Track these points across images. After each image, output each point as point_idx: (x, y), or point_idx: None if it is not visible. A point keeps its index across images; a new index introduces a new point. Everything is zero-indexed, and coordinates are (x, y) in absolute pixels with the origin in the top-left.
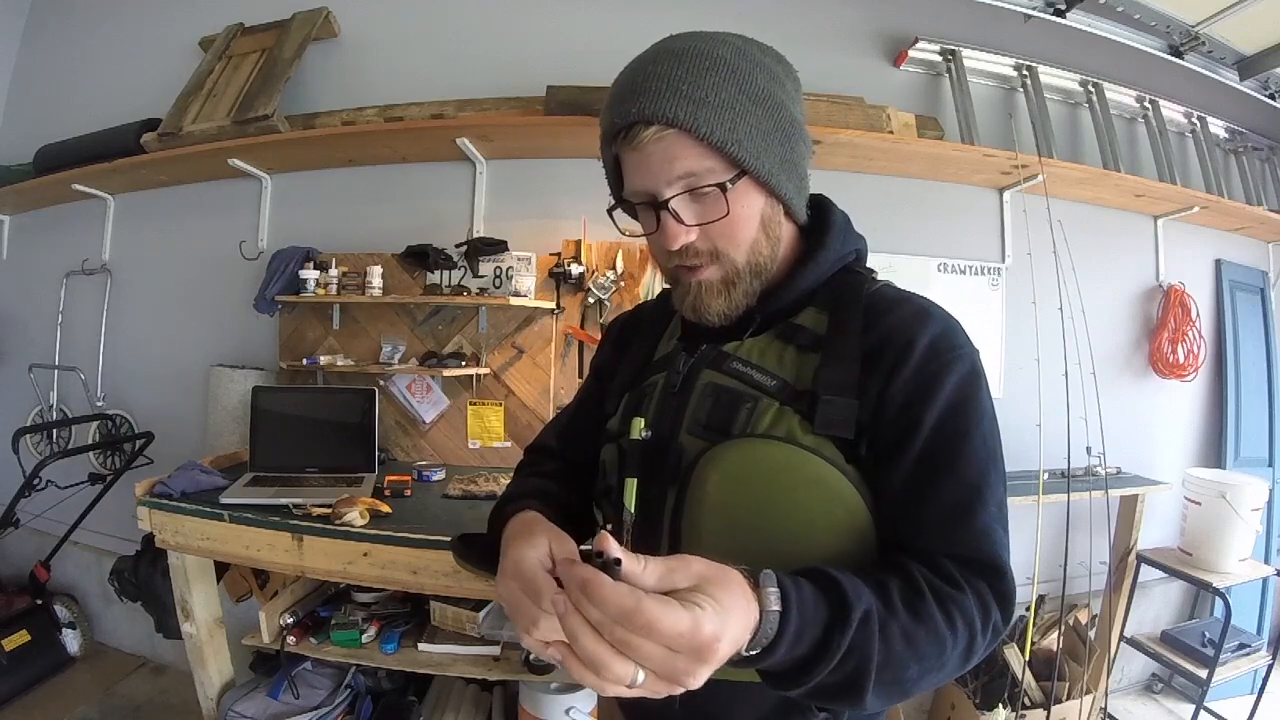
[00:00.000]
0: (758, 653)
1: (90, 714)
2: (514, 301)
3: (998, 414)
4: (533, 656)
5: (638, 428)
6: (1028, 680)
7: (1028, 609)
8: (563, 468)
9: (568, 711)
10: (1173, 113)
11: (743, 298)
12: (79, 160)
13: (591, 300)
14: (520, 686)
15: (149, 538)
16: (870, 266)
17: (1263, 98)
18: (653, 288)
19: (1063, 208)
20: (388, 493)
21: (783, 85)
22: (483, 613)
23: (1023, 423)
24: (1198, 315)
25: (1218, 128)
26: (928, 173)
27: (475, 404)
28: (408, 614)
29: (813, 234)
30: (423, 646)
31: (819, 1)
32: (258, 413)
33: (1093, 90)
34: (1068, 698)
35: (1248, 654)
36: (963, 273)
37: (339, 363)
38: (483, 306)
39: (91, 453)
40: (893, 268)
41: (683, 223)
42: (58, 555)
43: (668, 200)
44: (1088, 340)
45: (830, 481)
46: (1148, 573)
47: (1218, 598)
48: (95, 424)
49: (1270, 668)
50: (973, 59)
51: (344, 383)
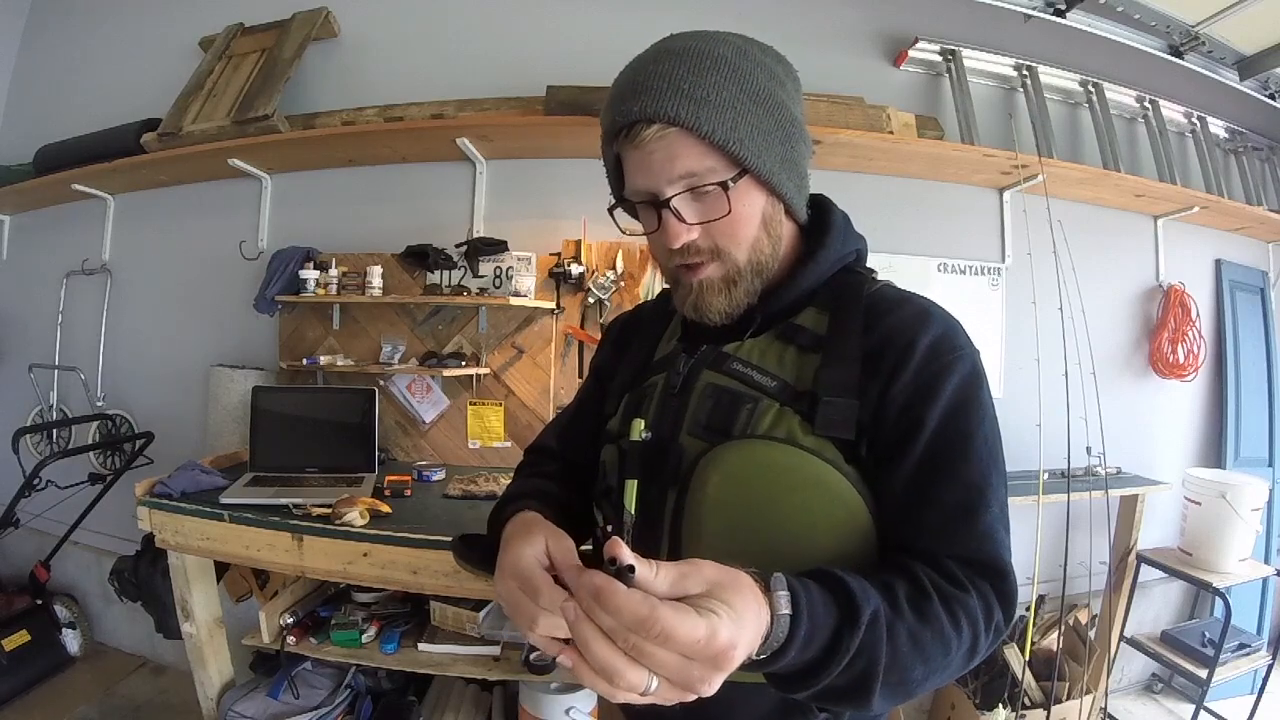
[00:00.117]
0: (768, 656)
1: (90, 714)
2: (514, 301)
3: (998, 414)
4: (533, 656)
5: (638, 429)
6: (1028, 680)
7: (1028, 609)
8: (563, 468)
9: (568, 711)
10: (1173, 113)
11: (744, 296)
12: (79, 160)
13: (591, 300)
14: (520, 686)
15: (149, 538)
16: (870, 266)
17: (1263, 98)
18: (653, 288)
19: (1063, 208)
20: (388, 493)
21: (783, 85)
22: (483, 613)
23: (1023, 423)
24: (1198, 315)
25: (1218, 128)
26: (928, 173)
27: (475, 404)
28: (408, 614)
29: (813, 234)
30: (423, 646)
31: (819, 1)
32: (258, 413)
33: (1093, 90)
34: (1068, 698)
35: (1248, 654)
36: (963, 273)
37: (339, 363)
38: (483, 306)
39: (91, 453)
40: (893, 268)
41: (684, 221)
42: (58, 555)
43: (669, 199)
44: (1088, 340)
45: (831, 482)
46: (1148, 573)
47: (1218, 598)
48: (95, 424)
49: (1270, 668)
50: (973, 59)
51: (344, 383)
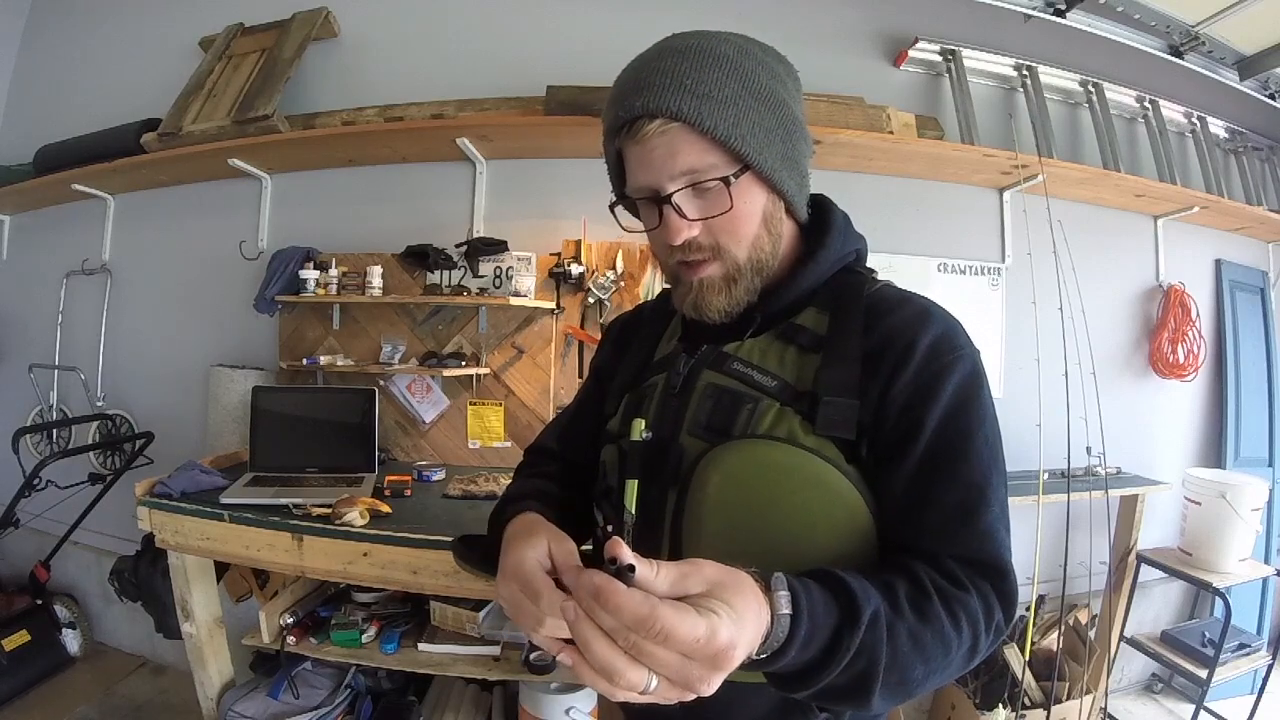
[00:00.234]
0: (768, 656)
1: (90, 714)
2: (514, 301)
3: (998, 414)
4: (533, 656)
5: (638, 429)
6: (1028, 680)
7: (1028, 609)
8: (563, 469)
9: (568, 711)
10: (1173, 113)
11: (744, 295)
12: (79, 160)
13: (591, 300)
14: (520, 686)
15: (149, 538)
16: (870, 266)
17: (1263, 98)
18: (653, 288)
19: (1063, 208)
20: (388, 493)
21: (784, 84)
22: (483, 613)
23: (1023, 423)
24: (1198, 315)
25: (1218, 128)
26: (928, 173)
27: (475, 404)
28: (408, 614)
29: (813, 233)
30: (423, 646)
31: (819, 1)
32: (258, 413)
33: (1093, 90)
34: (1068, 698)
35: (1248, 654)
36: (963, 273)
37: (339, 363)
38: (483, 306)
39: (91, 453)
40: (893, 268)
41: (685, 218)
42: (58, 555)
43: (670, 195)
44: (1088, 340)
45: (831, 482)
46: (1148, 573)
47: (1218, 598)
48: (95, 424)
49: (1270, 668)
50: (973, 59)
51: (344, 383)
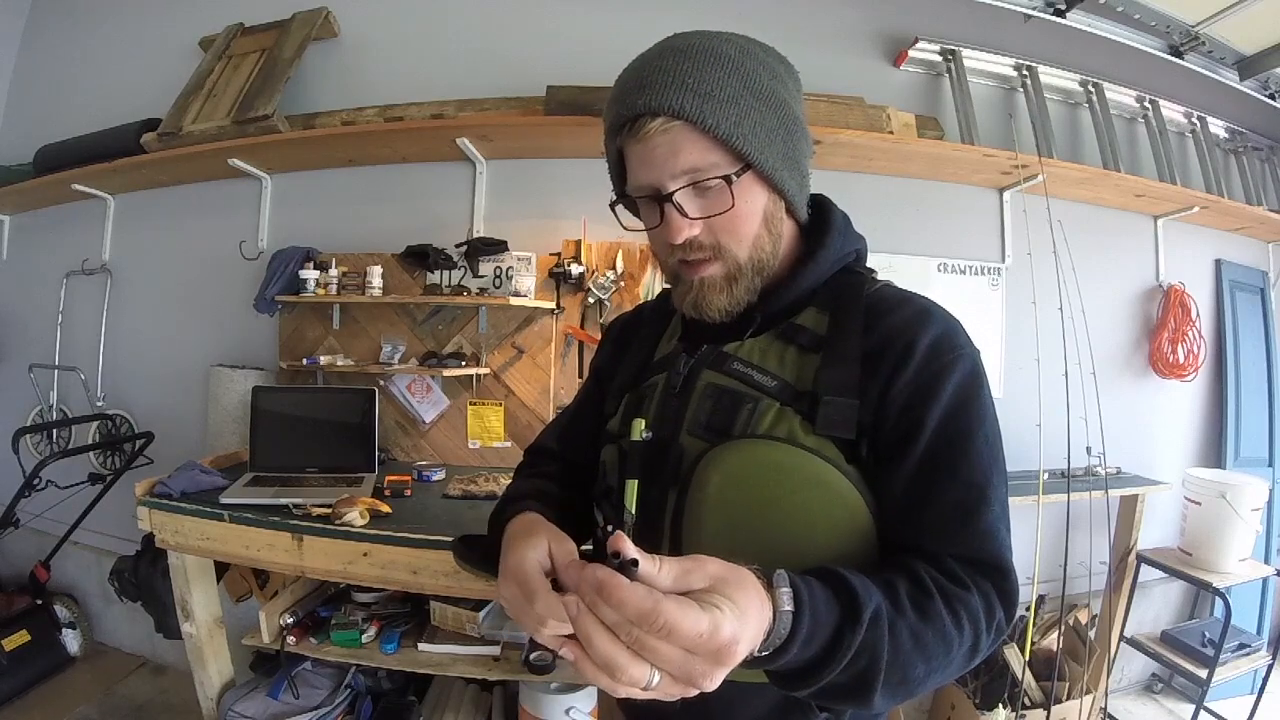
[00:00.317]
0: (769, 653)
1: (90, 714)
2: (514, 301)
3: (998, 414)
4: (533, 656)
5: (638, 429)
6: (1028, 680)
7: (1028, 609)
8: (563, 469)
9: (568, 711)
10: (1173, 113)
11: (744, 294)
12: (79, 160)
13: (591, 300)
14: (520, 686)
15: (149, 538)
16: (870, 266)
17: (1263, 98)
18: (653, 288)
19: (1063, 208)
20: (388, 493)
21: (785, 84)
22: (483, 613)
23: (1023, 423)
24: (1198, 315)
25: (1218, 128)
26: (928, 173)
27: (475, 404)
28: (408, 614)
29: (813, 233)
30: (423, 646)
31: (819, 1)
32: (258, 413)
33: (1093, 90)
34: (1068, 698)
35: (1248, 654)
36: (963, 273)
37: (339, 363)
38: (483, 306)
39: (91, 453)
40: (893, 268)
41: (686, 216)
42: (58, 555)
43: (672, 193)
44: (1088, 340)
45: (831, 482)
46: (1148, 573)
47: (1218, 598)
48: (95, 424)
49: (1270, 668)
50: (973, 59)
51: (344, 383)
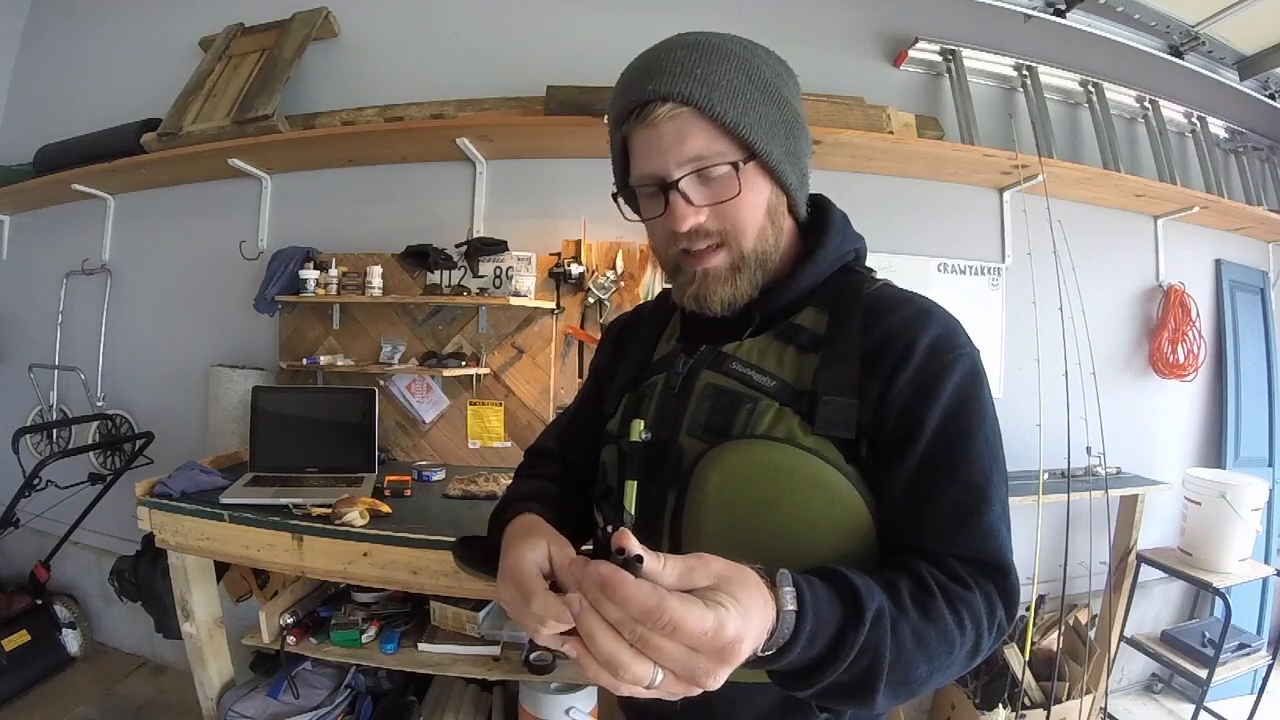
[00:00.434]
0: (772, 653)
1: (90, 714)
2: (514, 301)
3: (998, 414)
4: (533, 656)
5: (637, 429)
6: (1028, 680)
7: (1028, 609)
8: (563, 470)
9: (568, 711)
10: (1173, 113)
11: (748, 286)
12: (79, 160)
13: (591, 300)
14: (520, 686)
15: (149, 538)
16: (870, 266)
17: (1263, 98)
18: (653, 287)
19: (1063, 208)
20: (388, 493)
21: (786, 83)
22: (483, 613)
23: (1023, 423)
24: (1198, 315)
25: (1218, 128)
26: (928, 173)
27: (475, 404)
28: (408, 614)
29: (812, 233)
30: (423, 646)
31: (819, 1)
32: (258, 413)
33: (1093, 90)
34: (1068, 698)
35: (1248, 654)
36: (963, 273)
37: (339, 363)
38: (483, 306)
39: (91, 453)
40: (893, 268)
41: (691, 204)
42: (58, 555)
43: (677, 180)
44: (1088, 340)
45: (830, 482)
46: (1148, 573)
47: (1218, 598)
48: (95, 424)
49: (1270, 668)
50: (973, 59)
51: (344, 383)
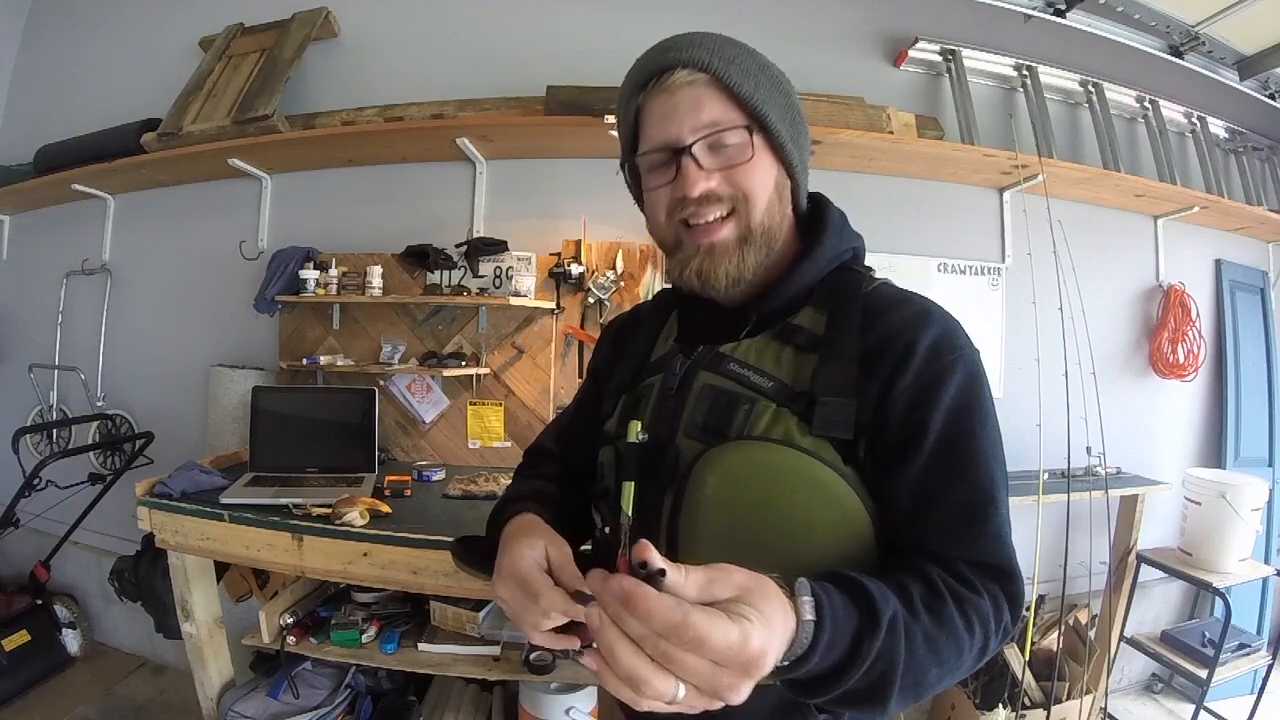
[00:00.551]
0: (789, 663)
1: (90, 714)
2: (514, 301)
3: (998, 413)
4: (533, 656)
5: (635, 430)
6: (1028, 680)
7: (1028, 609)
8: (561, 470)
9: (568, 711)
10: (1173, 113)
11: (753, 263)
12: (79, 160)
13: (591, 300)
14: (520, 686)
15: (149, 538)
16: (869, 265)
17: (1263, 98)
18: (652, 287)
19: (1063, 208)
20: (388, 493)
21: (790, 84)
22: (483, 613)
23: (1023, 423)
24: (1198, 315)
25: (1218, 128)
26: (928, 173)
27: (475, 404)
28: (408, 614)
29: (810, 231)
30: (423, 646)
31: (819, 1)
32: (258, 413)
33: (1093, 90)
34: (1068, 698)
35: (1248, 654)
36: (963, 273)
37: (339, 363)
38: (483, 306)
39: (91, 453)
40: (893, 268)
41: (702, 169)
42: (58, 555)
43: (690, 144)
44: (1088, 340)
45: (828, 483)
46: (1148, 573)
47: (1218, 598)
48: (95, 424)
49: (1270, 668)
50: (973, 59)
51: (344, 383)
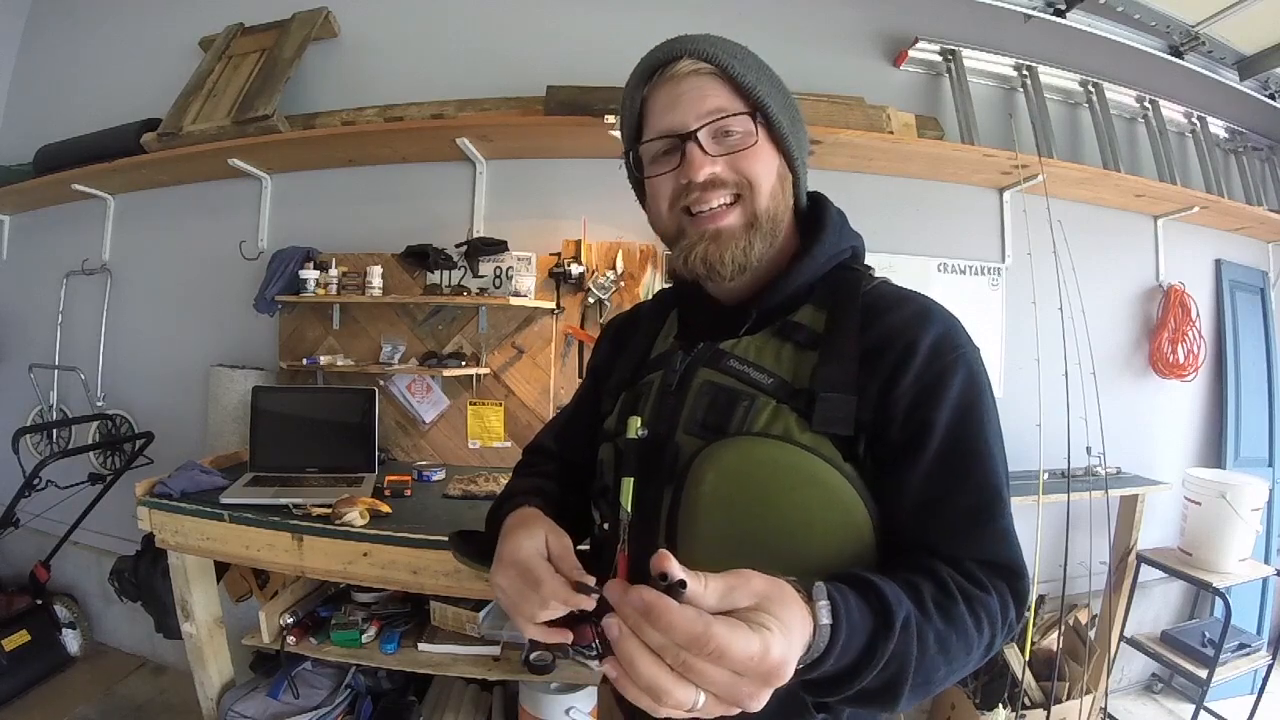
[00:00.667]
0: (804, 665)
1: (90, 714)
2: (514, 301)
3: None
4: (533, 656)
5: (634, 427)
6: (1028, 680)
7: (1028, 609)
8: (561, 468)
9: (568, 711)
10: (1173, 113)
11: (758, 249)
12: (79, 160)
13: (591, 300)
14: (520, 686)
15: (149, 538)
16: (868, 264)
17: (1263, 98)
18: (652, 287)
19: (1063, 208)
20: (388, 493)
21: (788, 89)
22: (483, 613)
23: (1023, 423)
24: (1198, 315)
25: (1218, 128)
26: (928, 173)
27: (475, 404)
28: (408, 614)
29: (809, 229)
30: (423, 646)
31: (819, 1)
32: (258, 413)
33: (1093, 90)
34: (1068, 698)
35: (1248, 654)
36: (963, 273)
37: (339, 363)
38: (483, 306)
39: (91, 453)
40: (893, 267)
41: (707, 154)
42: (58, 555)
43: (695, 131)
44: (1088, 340)
45: (827, 480)
46: (1148, 573)
47: (1218, 598)
48: (95, 424)
49: (1270, 668)
50: (973, 59)
51: (344, 383)
